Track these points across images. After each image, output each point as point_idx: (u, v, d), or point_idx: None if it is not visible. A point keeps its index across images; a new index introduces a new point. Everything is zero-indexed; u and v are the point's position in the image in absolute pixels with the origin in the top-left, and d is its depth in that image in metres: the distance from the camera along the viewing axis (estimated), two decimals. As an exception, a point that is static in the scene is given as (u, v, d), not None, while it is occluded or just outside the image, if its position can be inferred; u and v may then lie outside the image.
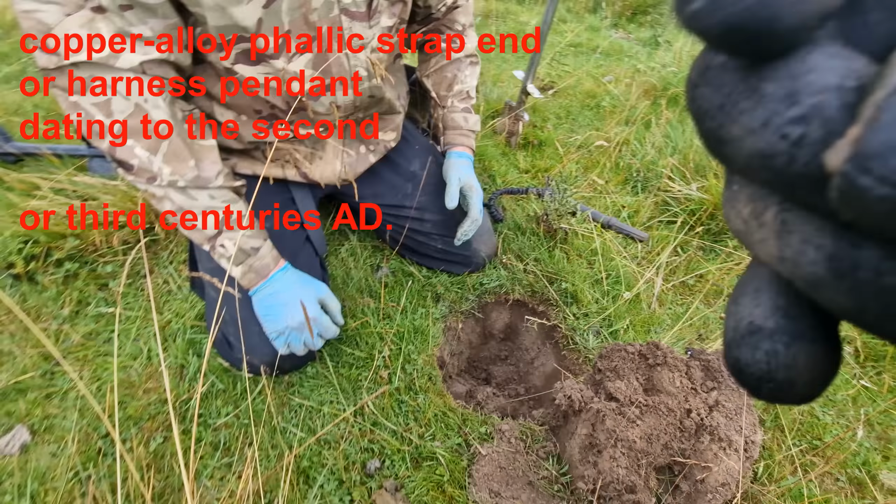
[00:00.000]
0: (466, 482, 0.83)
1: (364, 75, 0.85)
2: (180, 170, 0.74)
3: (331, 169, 1.00)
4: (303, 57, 0.77)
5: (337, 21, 0.76)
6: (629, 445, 0.76)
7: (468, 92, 1.13)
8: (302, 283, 0.89)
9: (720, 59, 0.12)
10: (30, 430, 0.86)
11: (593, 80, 2.27)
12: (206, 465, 0.83)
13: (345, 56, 0.80)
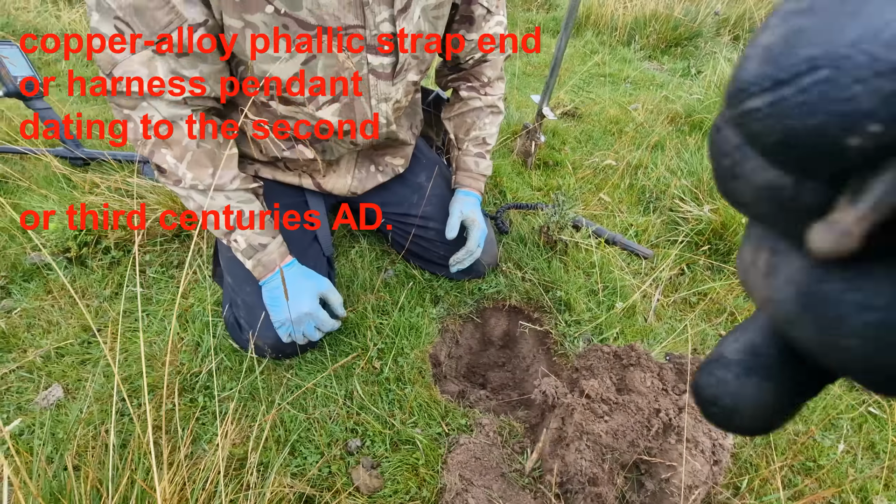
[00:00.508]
0: (440, 467, 0.87)
1: (383, 122, 0.95)
2: (200, 176, 0.85)
3: (342, 182, 1.09)
4: (331, 106, 0.87)
5: (365, 79, 0.86)
6: (595, 439, 0.77)
7: (484, 138, 1.18)
8: (304, 278, 0.98)
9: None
10: (64, 388, 0.98)
11: (619, 107, 2.32)
12: (206, 430, 0.91)
13: (369, 107, 0.90)
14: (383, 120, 0.94)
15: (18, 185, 1.45)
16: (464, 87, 1.15)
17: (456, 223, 1.12)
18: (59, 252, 1.24)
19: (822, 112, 0.08)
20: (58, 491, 0.68)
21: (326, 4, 0.73)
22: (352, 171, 1.10)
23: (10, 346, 1.05)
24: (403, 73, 0.90)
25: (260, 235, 0.93)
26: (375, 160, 1.12)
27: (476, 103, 1.15)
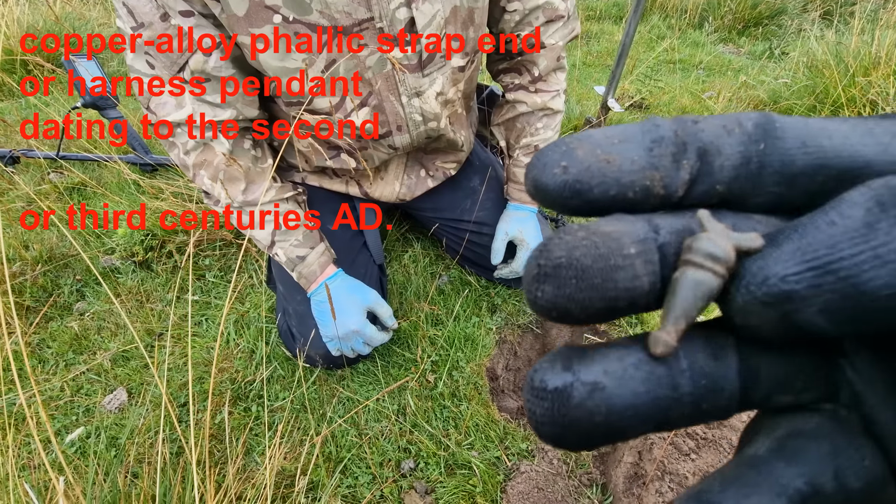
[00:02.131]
0: (499, 497, 0.80)
1: (419, 120, 0.85)
2: (232, 192, 0.83)
3: (390, 189, 1.03)
4: (361, 112, 0.81)
5: (391, 75, 0.78)
6: (679, 481, 0.67)
7: (537, 146, 1.04)
8: (350, 292, 0.93)
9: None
10: (128, 392, 1.00)
11: (691, 96, 2.12)
12: (259, 442, 0.90)
13: (399, 105, 0.82)
14: (418, 117, 0.85)
15: (95, 192, 1.53)
16: (512, 83, 1.00)
17: (501, 247, 1.06)
18: (127, 256, 1.29)
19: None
20: (111, 501, 0.67)
21: (334, 2, 0.68)
22: (400, 177, 1.03)
23: (82, 347, 1.09)
24: (436, 62, 0.80)
25: (297, 248, 0.89)
26: (426, 164, 1.05)
27: (523, 108, 1.00)
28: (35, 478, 0.79)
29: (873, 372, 0.12)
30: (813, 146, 0.12)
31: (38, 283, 1.21)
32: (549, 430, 0.12)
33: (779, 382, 0.12)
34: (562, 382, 0.12)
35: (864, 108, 1.59)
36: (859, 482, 0.11)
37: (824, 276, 0.10)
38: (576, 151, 0.12)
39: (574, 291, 0.11)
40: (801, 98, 1.84)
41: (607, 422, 0.11)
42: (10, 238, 1.32)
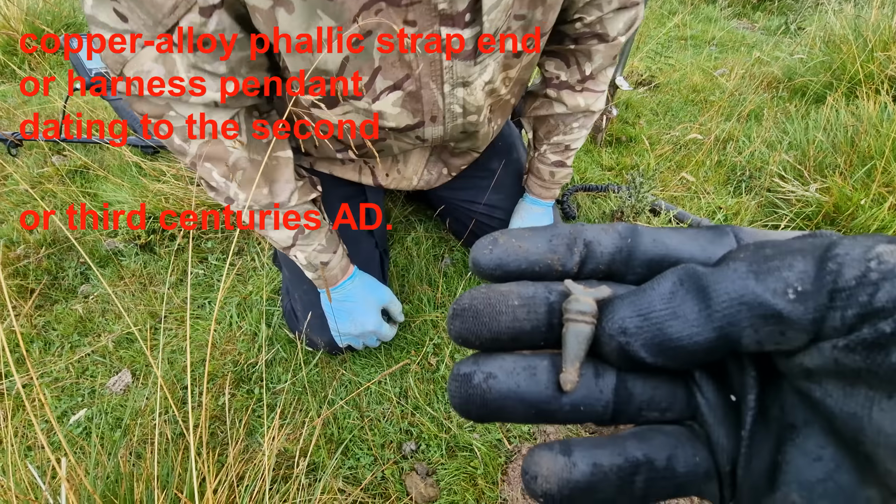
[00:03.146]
0: (500, 479, 0.80)
1: (458, 112, 0.74)
2: (255, 196, 0.73)
3: (407, 183, 0.97)
4: (391, 95, 0.68)
5: (437, 60, 0.64)
6: None
7: (568, 145, 0.94)
8: (369, 293, 0.92)
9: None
10: (132, 374, 1.01)
11: (703, 73, 2.06)
12: (261, 423, 0.90)
13: (440, 94, 0.70)
14: (457, 109, 0.73)
15: (97, 175, 1.53)
16: (556, 77, 0.86)
17: None
18: (130, 239, 1.29)
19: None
20: (114, 481, 0.68)
21: None
22: (420, 171, 0.96)
23: (87, 330, 1.10)
24: (494, 46, 0.66)
25: (321, 253, 0.84)
26: (449, 162, 0.96)
27: (561, 108, 0.88)
28: (40, 457, 0.80)
29: (714, 399, 0.16)
30: (660, 243, 0.17)
31: (43, 265, 1.21)
32: (457, 401, 0.17)
33: (647, 401, 0.17)
34: (468, 370, 0.17)
35: (881, 85, 1.53)
36: (685, 468, 0.16)
37: (644, 321, 0.15)
38: (499, 240, 0.18)
39: (470, 326, 0.17)
40: (817, 74, 1.78)
41: (495, 401, 0.16)
42: (14, 221, 1.32)
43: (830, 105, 1.49)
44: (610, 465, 0.15)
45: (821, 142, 1.37)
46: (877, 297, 0.12)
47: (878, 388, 0.12)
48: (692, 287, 0.14)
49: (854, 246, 0.13)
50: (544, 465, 0.15)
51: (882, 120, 1.33)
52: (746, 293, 0.13)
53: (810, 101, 1.71)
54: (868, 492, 0.13)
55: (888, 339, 0.12)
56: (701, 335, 0.14)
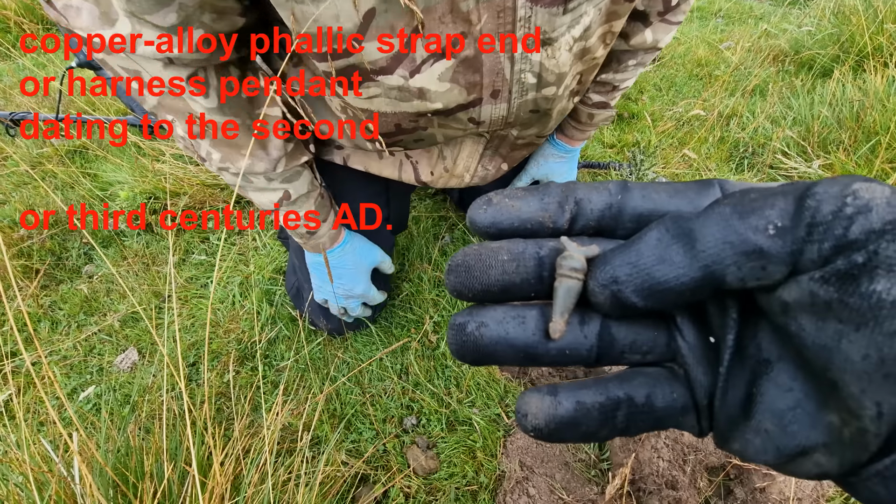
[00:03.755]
0: (499, 452, 0.82)
1: (531, 83, 0.56)
2: (232, 157, 0.61)
3: (456, 181, 0.80)
4: (437, 65, 0.50)
5: (508, 7, 0.46)
6: (675, 438, 0.68)
7: (616, 85, 0.80)
8: (360, 257, 0.86)
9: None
10: (139, 352, 1.03)
11: (708, 46, 2.02)
12: (265, 399, 0.92)
13: (508, 58, 0.51)
14: (530, 79, 0.55)
15: (96, 155, 1.52)
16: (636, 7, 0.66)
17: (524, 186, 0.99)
18: (132, 219, 1.29)
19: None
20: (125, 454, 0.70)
21: None
22: (472, 168, 0.77)
23: (92, 309, 1.12)
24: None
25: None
26: (510, 156, 0.77)
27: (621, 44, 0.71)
28: (52, 432, 0.82)
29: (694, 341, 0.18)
30: (648, 199, 0.18)
31: (46, 246, 1.22)
32: (454, 348, 0.18)
33: (629, 345, 0.18)
34: (463, 320, 0.18)
35: (890, 58, 1.50)
36: (662, 404, 0.17)
37: (633, 269, 0.16)
38: (493, 200, 0.19)
39: (463, 280, 0.18)
40: (825, 47, 1.74)
41: (486, 347, 0.18)
42: (16, 202, 1.33)
43: (837, 79, 1.46)
44: (592, 403, 0.17)
45: (826, 117, 1.35)
46: (851, 230, 0.13)
47: (848, 321, 0.13)
48: (678, 232, 0.15)
49: (832, 184, 0.14)
50: (533, 405, 0.17)
51: (889, 94, 1.31)
52: (730, 233, 0.14)
53: (817, 75, 1.67)
54: (829, 417, 0.15)
55: (860, 270, 0.12)
56: (687, 276, 0.15)
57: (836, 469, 0.15)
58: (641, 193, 0.18)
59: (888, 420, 0.13)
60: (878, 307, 0.12)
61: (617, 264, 0.16)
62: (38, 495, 0.58)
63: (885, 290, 0.12)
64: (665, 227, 0.16)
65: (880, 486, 0.13)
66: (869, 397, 0.13)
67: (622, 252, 0.16)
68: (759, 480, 0.65)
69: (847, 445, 0.14)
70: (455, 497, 0.78)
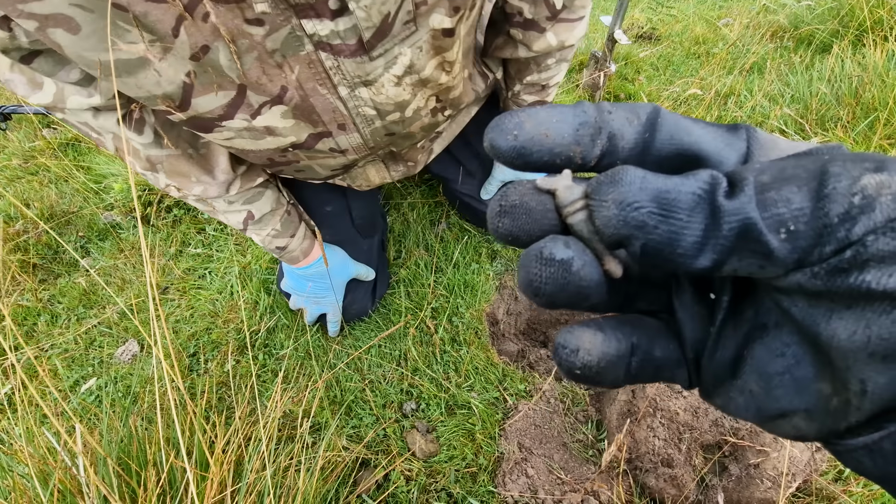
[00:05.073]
0: (498, 434, 0.83)
1: (371, 115, 0.60)
2: (186, 185, 0.65)
3: (378, 182, 0.87)
4: (275, 108, 0.54)
5: (313, 59, 0.51)
6: (670, 416, 0.69)
7: (545, 84, 0.83)
8: (332, 275, 0.92)
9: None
10: (139, 343, 1.04)
11: (706, 24, 1.99)
12: (266, 388, 0.93)
13: (337, 98, 0.56)
14: (369, 111, 0.59)
15: (89, 147, 1.51)
16: (517, 12, 0.69)
17: (493, 189, 1.04)
18: (127, 212, 1.29)
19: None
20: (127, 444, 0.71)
21: None
22: (386, 177, 0.85)
23: (92, 302, 1.12)
24: (396, 32, 0.51)
25: (276, 238, 0.79)
26: (407, 158, 0.82)
27: (526, 52, 0.74)
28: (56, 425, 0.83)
29: (688, 298, 0.18)
30: (676, 140, 0.17)
31: (43, 240, 1.22)
32: (550, 289, 0.16)
33: (641, 295, 0.19)
34: (565, 255, 0.16)
35: (890, 32, 1.48)
36: (661, 354, 0.18)
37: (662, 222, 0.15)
38: (524, 125, 0.16)
39: (522, 224, 0.17)
40: (824, 22, 1.72)
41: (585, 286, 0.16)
42: (10, 196, 1.32)
43: (836, 55, 1.44)
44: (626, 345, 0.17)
45: (824, 94, 1.33)
46: (853, 231, 0.13)
47: (839, 301, 0.13)
48: (711, 207, 0.14)
49: (842, 177, 0.13)
50: (587, 339, 0.16)
51: (888, 69, 1.29)
52: (752, 228, 0.14)
53: (816, 50, 1.65)
54: (820, 385, 0.15)
55: (850, 264, 0.13)
56: (702, 263, 0.14)
57: (813, 434, 0.15)
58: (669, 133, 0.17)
59: (871, 398, 0.13)
60: (868, 295, 0.13)
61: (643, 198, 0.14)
62: (43, 486, 0.59)
63: (875, 280, 0.12)
64: (702, 189, 0.14)
65: (866, 458, 0.14)
66: (853, 374, 0.13)
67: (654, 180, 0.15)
68: (754, 457, 0.66)
69: (829, 414, 0.15)
70: (455, 479, 0.79)
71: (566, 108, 0.17)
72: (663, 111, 0.17)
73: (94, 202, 1.33)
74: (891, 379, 0.13)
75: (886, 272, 0.12)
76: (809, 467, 0.65)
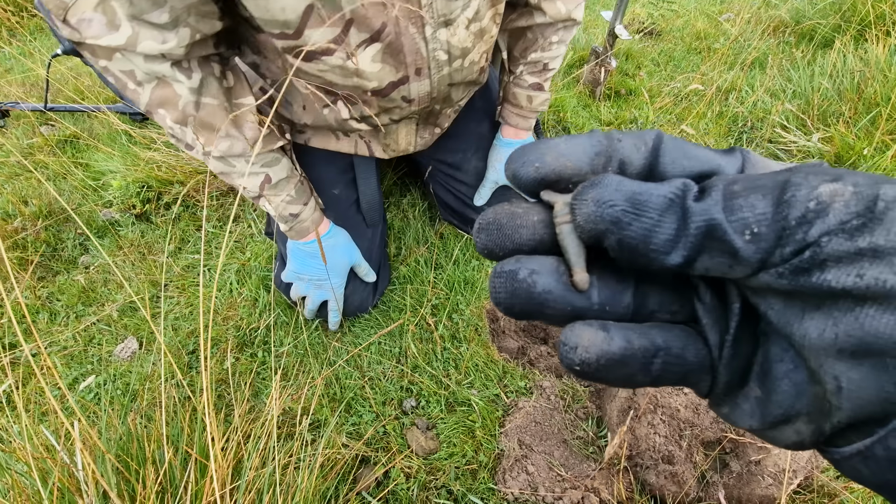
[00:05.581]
0: (498, 431, 0.83)
1: (443, 59, 0.70)
2: (212, 140, 0.69)
3: (402, 153, 0.96)
4: (369, 49, 0.64)
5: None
6: (671, 413, 0.69)
7: (546, 63, 0.90)
8: (341, 253, 0.92)
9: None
10: (138, 341, 1.03)
11: (707, 19, 1.98)
12: (266, 385, 0.93)
13: (422, 38, 0.66)
14: (442, 56, 0.69)
15: (87, 144, 1.51)
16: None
17: (487, 193, 1.05)
18: (126, 209, 1.28)
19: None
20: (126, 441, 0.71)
21: None
22: (413, 140, 0.93)
23: (90, 300, 1.12)
24: None
25: (290, 204, 0.82)
26: (439, 121, 0.92)
27: (541, 18, 0.83)
28: (54, 422, 0.83)
29: (711, 304, 0.18)
30: (678, 164, 0.18)
31: (41, 237, 1.22)
32: (503, 297, 0.18)
33: (659, 303, 0.19)
34: (513, 267, 0.18)
35: (892, 26, 1.47)
36: (695, 358, 0.18)
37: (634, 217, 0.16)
38: (545, 157, 0.18)
39: (494, 238, 0.18)
40: (826, 17, 1.71)
41: (540, 295, 0.17)
42: (8, 194, 1.32)
43: (838, 49, 1.43)
44: (639, 345, 0.17)
45: (826, 89, 1.33)
46: (809, 234, 0.14)
47: (809, 302, 0.14)
48: (679, 209, 0.16)
49: (802, 187, 0.14)
50: (586, 337, 0.17)
51: (890, 64, 1.28)
52: (717, 228, 0.15)
53: (818, 46, 1.64)
54: (815, 388, 0.15)
55: (809, 264, 0.14)
56: (674, 260, 0.16)
57: (809, 437, 0.16)
58: (672, 158, 0.18)
59: (848, 395, 0.14)
60: (830, 293, 0.13)
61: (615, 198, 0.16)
62: (42, 483, 0.58)
63: (835, 279, 0.13)
64: (674, 194, 0.16)
65: (862, 465, 0.14)
66: (826, 371, 0.14)
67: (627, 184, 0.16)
68: (755, 454, 0.66)
69: (822, 415, 0.15)
70: (455, 476, 0.79)
71: (582, 137, 0.18)
72: (666, 137, 0.19)
73: (92, 199, 1.32)
74: (863, 376, 0.13)
75: (844, 271, 0.13)
76: (811, 464, 0.65)
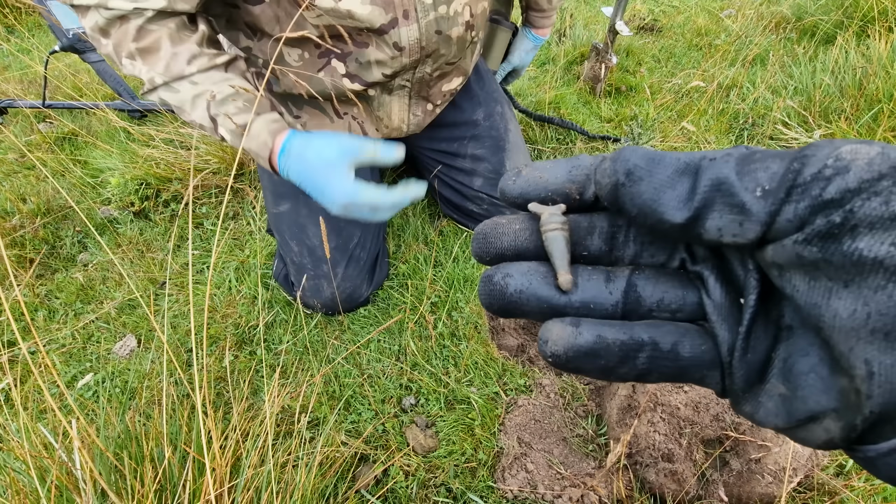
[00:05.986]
0: (498, 429, 0.83)
1: (429, 3, 0.73)
2: (152, 62, 0.68)
3: (396, 132, 0.97)
4: None
5: None
6: (671, 411, 0.69)
7: None
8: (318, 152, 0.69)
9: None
10: (137, 339, 1.03)
11: (708, 15, 1.97)
12: (264, 383, 0.93)
13: None
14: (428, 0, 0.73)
15: (86, 141, 1.50)
16: None
17: (502, 74, 1.19)
18: (125, 206, 1.28)
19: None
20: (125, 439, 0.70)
21: None
22: (406, 117, 0.95)
23: (89, 297, 1.11)
24: None
25: (238, 115, 0.70)
26: (431, 96, 0.95)
27: None
28: (52, 420, 0.83)
29: (720, 299, 0.18)
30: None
31: (39, 235, 1.22)
32: (483, 298, 0.19)
33: (657, 302, 0.19)
34: (491, 272, 0.19)
35: (895, 22, 1.46)
36: (689, 354, 0.17)
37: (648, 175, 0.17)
38: (522, 172, 0.20)
39: (481, 245, 0.21)
40: (828, 13, 1.70)
41: (512, 296, 0.19)
42: (7, 191, 1.31)
43: (840, 45, 1.42)
44: (614, 339, 0.17)
45: (828, 86, 1.32)
46: (827, 191, 0.13)
47: (836, 278, 0.13)
48: (693, 170, 0.16)
49: (824, 147, 0.14)
50: (554, 332, 0.18)
51: (893, 60, 1.28)
52: (726, 183, 0.15)
53: (819, 42, 1.63)
54: (840, 381, 0.15)
55: (839, 229, 0.13)
56: (683, 215, 0.16)
57: (839, 435, 0.15)
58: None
59: (879, 381, 0.13)
60: (861, 263, 0.13)
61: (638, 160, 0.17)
62: (40, 481, 0.58)
63: (867, 248, 0.12)
64: (692, 160, 0.16)
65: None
66: (857, 355, 0.13)
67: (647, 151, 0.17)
68: (755, 452, 0.66)
69: (850, 409, 0.14)
70: (454, 474, 0.79)
71: (563, 159, 0.20)
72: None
73: (90, 196, 1.32)
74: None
75: (878, 239, 0.12)
76: (811, 462, 0.65)
